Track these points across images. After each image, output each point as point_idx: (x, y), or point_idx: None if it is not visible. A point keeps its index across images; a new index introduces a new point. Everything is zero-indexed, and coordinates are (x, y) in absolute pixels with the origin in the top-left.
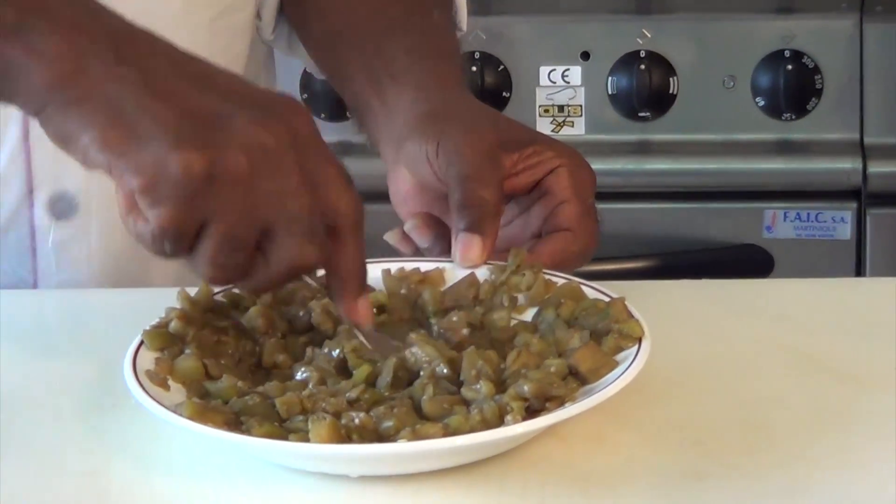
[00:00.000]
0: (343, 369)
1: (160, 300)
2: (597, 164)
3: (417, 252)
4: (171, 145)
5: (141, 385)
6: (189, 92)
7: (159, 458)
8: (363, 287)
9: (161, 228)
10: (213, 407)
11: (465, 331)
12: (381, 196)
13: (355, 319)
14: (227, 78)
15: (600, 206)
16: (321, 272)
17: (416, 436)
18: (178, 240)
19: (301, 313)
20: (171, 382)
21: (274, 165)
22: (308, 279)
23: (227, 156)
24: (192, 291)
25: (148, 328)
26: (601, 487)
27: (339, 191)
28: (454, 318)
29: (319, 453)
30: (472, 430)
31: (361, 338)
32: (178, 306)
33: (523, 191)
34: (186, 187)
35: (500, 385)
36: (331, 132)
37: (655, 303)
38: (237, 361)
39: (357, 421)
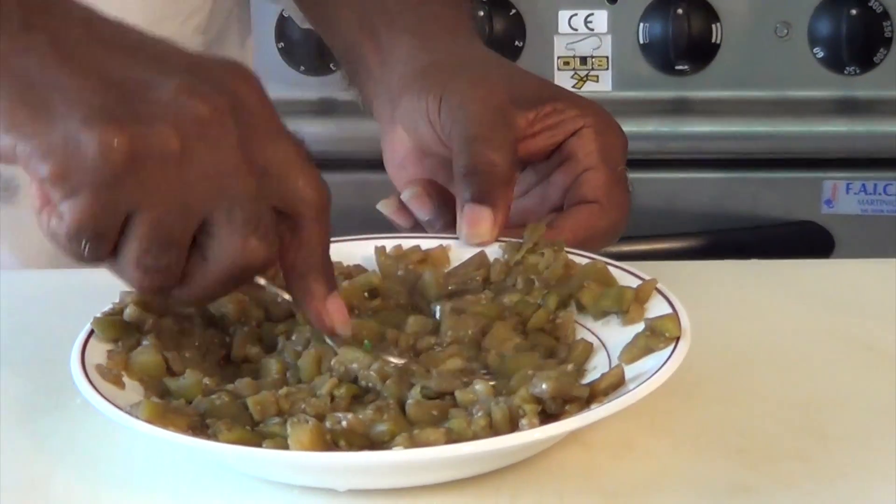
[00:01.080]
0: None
1: (114, 283)
2: (627, 126)
3: (417, 226)
4: (84, 122)
5: (90, 382)
6: (109, 60)
7: (111, 469)
8: (331, 284)
9: (76, 224)
10: (174, 408)
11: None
12: (374, 163)
13: (326, 324)
14: (157, 44)
15: (632, 175)
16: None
17: (414, 442)
18: (98, 238)
19: (279, 298)
20: (126, 379)
21: (211, 143)
22: (262, 281)
23: (153, 132)
24: None
25: (99, 315)
26: (630, 501)
27: (296, 172)
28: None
29: (301, 462)
30: (476, 436)
31: (337, 348)
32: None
33: (541, 156)
34: (104, 172)
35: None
36: (311, 88)
37: (694, 287)
38: (204, 354)
39: (344, 424)
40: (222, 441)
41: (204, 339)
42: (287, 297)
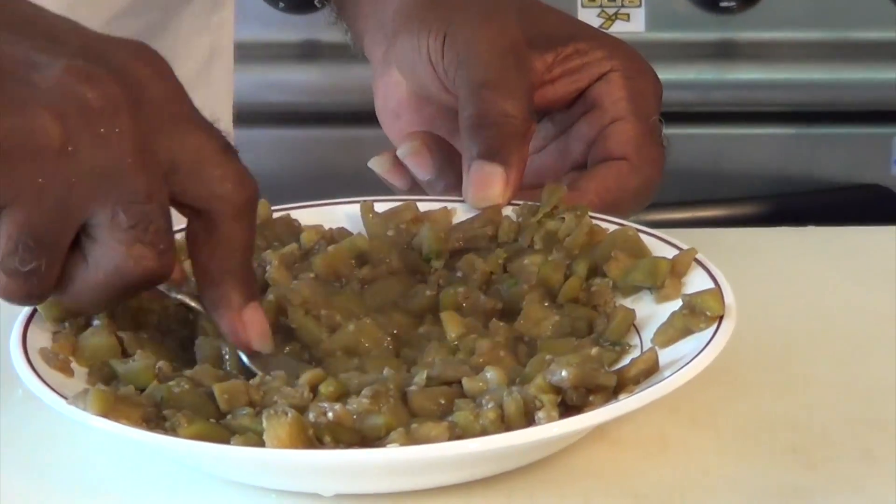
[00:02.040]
0: (287, 332)
1: None
2: (662, 73)
3: (415, 187)
4: None
5: (34, 369)
6: None
7: (61, 470)
8: (249, 293)
9: None
10: (125, 396)
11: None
12: (364, 116)
13: (241, 339)
14: (55, 20)
15: (668, 130)
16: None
17: (413, 438)
18: None
19: (189, 308)
20: (74, 366)
21: (98, 134)
22: (168, 291)
23: (30, 119)
24: None
25: None
26: None
27: (210, 166)
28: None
29: (279, 462)
30: (485, 431)
31: (254, 367)
32: None
33: (561, 104)
34: None
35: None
36: (292, 28)
37: (740, 258)
38: (164, 335)
39: (330, 416)
40: (182, 436)
41: (165, 318)
42: (199, 307)
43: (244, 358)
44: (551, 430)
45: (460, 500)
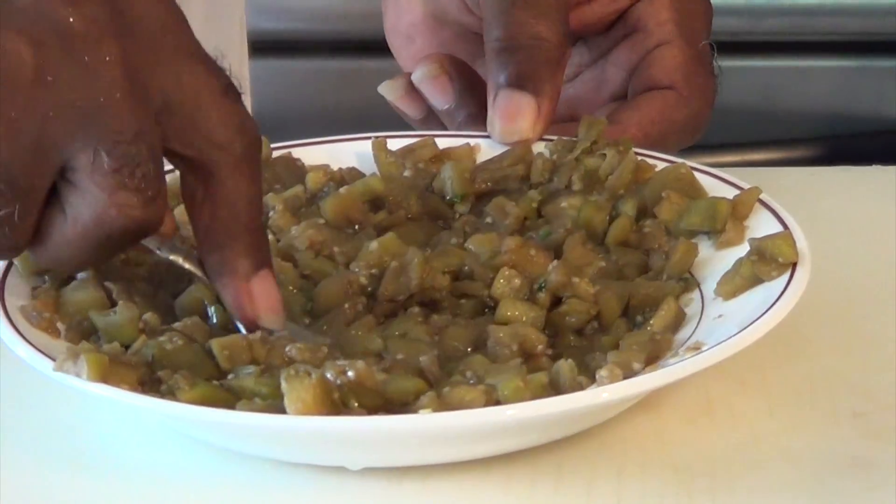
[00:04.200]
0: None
1: None
2: None
3: (431, 117)
4: None
5: (16, 329)
6: None
7: (57, 442)
8: (259, 259)
9: None
10: (119, 358)
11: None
12: (371, 45)
13: (247, 313)
14: None
15: (719, 61)
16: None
17: (445, 403)
18: None
19: (187, 270)
20: (60, 324)
21: (79, 62)
22: (159, 249)
23: (1, 43)
24: None
25: None
26: (711, 479)
27: (207, 107)
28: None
29: (305, 431)
30: (536, 395)
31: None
32: None
33: (599, 27)
34: None
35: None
36: None
37: (800, 200)
38: (156, 288)
39: (351, 375)
40: (184, 401)
41: (156, 269)
42: (197, 271)
43: (242, 329)
44: (601, 395)
45: (480, 475)
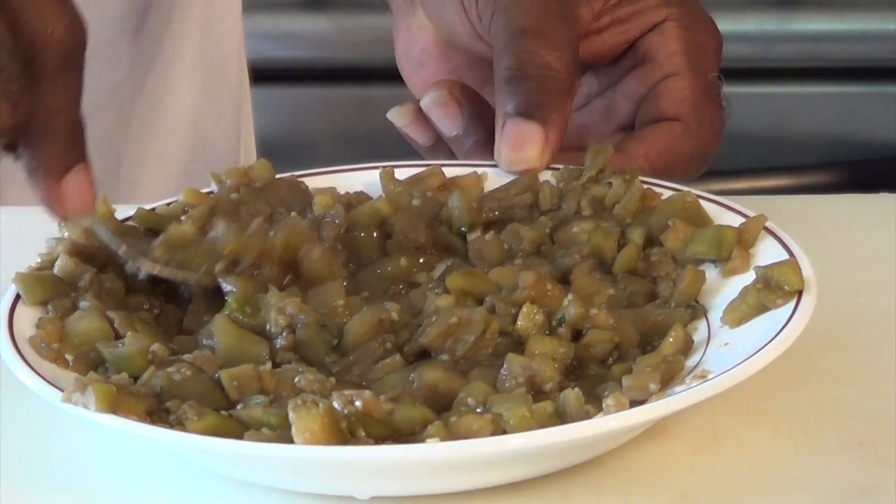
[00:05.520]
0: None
1: (42, 226)
2: (721, 24)
3: (439, 144)
4: None
5: (25, 360)
6: None
7: (52, 471)
8: (73, 155)
9: None
10: (128, 389)
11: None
12: (380, 73)
13: (57, 210)
14: None
15: (728, 88)
16: None
17: (452, 433)
18: None
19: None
20: (67, 355)
21: None
22: (133, 264)
23: None
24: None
25: (23, 270)
26: None
27: (37, 9)
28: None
29: (314, 461)
30: (542, 424)
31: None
32: (64, 235)
33: (609, 57)
34: None
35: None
36: None
37: (806, 228)
38: (157, 318)
39: (358, 405)
40: (193, 431)
41: (157, 301)
42: (176, 275)
43: (61, 226)
44: (607, 423)
45: (488, 499)
